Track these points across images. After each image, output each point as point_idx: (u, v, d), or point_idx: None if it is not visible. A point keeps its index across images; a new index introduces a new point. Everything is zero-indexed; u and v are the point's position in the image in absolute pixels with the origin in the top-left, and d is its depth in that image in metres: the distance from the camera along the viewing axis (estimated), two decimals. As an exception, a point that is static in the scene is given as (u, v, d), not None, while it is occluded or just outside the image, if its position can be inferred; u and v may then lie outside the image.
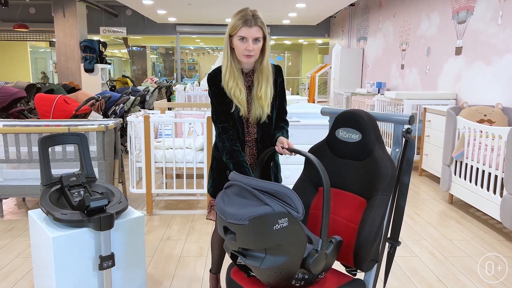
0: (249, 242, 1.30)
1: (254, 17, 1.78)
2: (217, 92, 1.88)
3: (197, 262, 2.76)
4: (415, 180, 4.86)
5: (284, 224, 1.29)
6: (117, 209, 2.12)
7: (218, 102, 1.89)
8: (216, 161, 2.01)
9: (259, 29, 1.79)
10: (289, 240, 1.32)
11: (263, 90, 1.88)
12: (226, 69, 1.85)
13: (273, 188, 1.34)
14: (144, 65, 17.55)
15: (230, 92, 1.85)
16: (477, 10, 4.69)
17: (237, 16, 1.80)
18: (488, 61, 4.48)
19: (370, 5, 8.56)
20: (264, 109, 1.89)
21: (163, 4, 8.88)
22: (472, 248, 3.02)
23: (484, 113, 3.86)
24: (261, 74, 1.88)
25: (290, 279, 1.41)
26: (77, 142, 2.37)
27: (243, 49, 1.79)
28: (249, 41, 1.78)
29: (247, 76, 1.92)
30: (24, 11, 11.73)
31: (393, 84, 7.29)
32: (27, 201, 4.02)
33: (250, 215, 1.28)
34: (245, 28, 1.76)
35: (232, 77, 1.84)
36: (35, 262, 2.31)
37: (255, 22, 1.77)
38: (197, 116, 4.36)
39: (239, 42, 1.79)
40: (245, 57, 1.81)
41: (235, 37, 1.80)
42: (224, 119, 1.88)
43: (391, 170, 1.61)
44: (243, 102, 1.87)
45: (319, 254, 1.38)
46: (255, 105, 1.89)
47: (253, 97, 1.89)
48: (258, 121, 1.92)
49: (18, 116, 5.68)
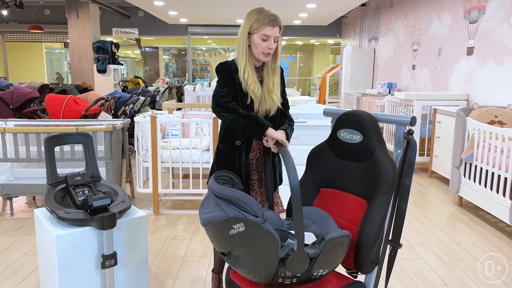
0: (214, 245, 1.43)
1: (275, 17, 1.87)
2: (228, 76, 1.91)
3: (200, 262, 2.77)
4: (424, 182, 4.80)
5: (241, 229, 1.34)
6: (120, 208, 2.14)
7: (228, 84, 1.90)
8: (222, 154, 2.01)
9: (279, 28, 1.88)
10: (251, 243, 1.36)
11: (275, 83, 1.97)
12: (244, 66, 1.91)
13: (232, 195, 1.37)
14: (156, 65, 17.69)
15: (249, 88, 1.91)
16: (489, 9, 4.61)
17: (258, 15, 1.86)
18: (500, 61, 4.40)
19: (382, 5, 8.48)
20: (275, 101, 1.95)
21: (174, 5, 8.95)
22: (480, 252, 2.97)
23: (495, 114, 3.80)
24: (272, 71, 1.97)
25: (275, 277, 1.41)
26: (82, 142, 2.39)
27: (265, 47, 1.87)
28: (271, 40, 1.86)
29: (257, 72, 1.99)
30: (39, 12, 11.94)
31: (404, 85, 7.21)
32: (37, 199, 4.09)
33: (208, 221, 1.37)
34: (269, 27, 1.85)
35: (250, 74, 1.91)
36: (40, 260, 2.35)
37: (277, 22, 1.87)
38: (204, 116, 4.37)
39: (261, 41, 1.86)
40: (264, 55, 1.89)
41: (257, 35, 1.86)
42: (227, 92, 1.88)
43: (392, 172, 1.59)
44: (258, 97, 1.93)
45: (294, 254, 1.37)
46: (266, 98, 1.95)
47: (263, 91, 1.95)
48: (267, 114, 1.97)
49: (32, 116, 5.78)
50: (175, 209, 3.81)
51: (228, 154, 1.99)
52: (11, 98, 5.53)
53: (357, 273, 1.75)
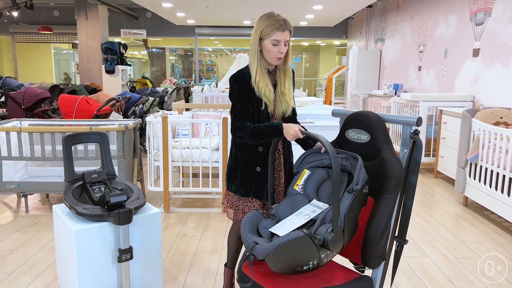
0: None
1: (285, 22, 1.92)
2: (243, 90, 1.98)
3: (211, 258, 2.85)
4: (430, 182, 4.85)
5: None
6: (136, 204, 2.22)
7: (241, 100, 1.98)
8: (242, 161, 2.07)
9: (289, 33, 1.94)
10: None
11: (286, 86, 2.04)
12: (256, 70, 1.97)
13: None
14: (163, 66, 17.82)
15: (260, 91, 1.97)
16: (495, 11, 4.66)
17: (268, 20, 1.92)
18: (506, 63, 4.45)
19: (388, 6, 8.53)
20: (289, 103, 2.03)
21: (182, 6, 9.05)
22: (485, 250, 3.02)
23: (500, 116, 3.84)
24: (284, 73, 2.04)
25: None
26: (98, 141, 2.48)
27: (276, 52, 1.93)
28: (282, 44, 1.92)
29: (270, 75, 2.06)
30: (48, 14, 12.10)
31: (410, 86, 7.25)
32: (50, 197, 4.19)
33: None
34: (279, 32, 1.90)
35: (262, 78, 1.97)
36: (58, 254, 2.44)
37: (287, 27, 1.92)
38: (213, 116, 4.46)
39: (271, 46, 1.92)
40: (276, 59, 1.95)
41: (268, 40, 1.92)
42: (243, 117, 1.97)
43: (398, 170, 1.66)
44: (271, 100, 2.00)
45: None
46: (281, 101, 2.03)
47: (278, 94, 2.03)
48: (283, 115, 2.06)
49: (42, 116, 5.89)
50: (185, 207, 3.90)
51: (248, 160, 2.06)
52: (23, 98, 5.65)
53: (364, 268, 1.82)
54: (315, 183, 1.78)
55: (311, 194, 1.77)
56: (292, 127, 1.85)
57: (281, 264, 1.50)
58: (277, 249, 1.45)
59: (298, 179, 1.81)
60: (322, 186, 1.79)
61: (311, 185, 1.78)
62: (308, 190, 1.78)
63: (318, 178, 1.79)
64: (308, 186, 1.78)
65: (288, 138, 1.87)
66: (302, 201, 1.77)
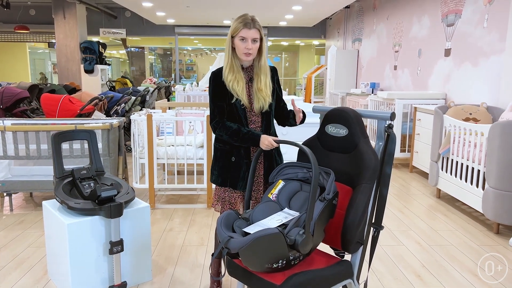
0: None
1: (253, 20, 2.10)
2: (217, 87, 2.14)
3: (198, 251, 2.95)
4: (406, 177, 5.07)
5: None
6: (126, 199, 2.31)
7: (216, 97, 2.14)
8: (219, 152, 2.22)
9: (256, 31, 2.09)
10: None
11: (262, 82, 2.17)
12: (227, 65, 2.14)
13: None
14: (142, 65, 17.72)
15: (229, 84, 2.12)
16: (465, 13, 4.90)
17: (238, 19, 2.11)
18: (475, 62, 4.69)
19: (365, 7, 8.77)
20: (266, 99, 2.16)
21: (162, 6, 9.07)
22: (456, 238, 3.22)
23: (469, 112, 4.07)
24: (259, 70, 2.19)
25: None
26: (87, 138, 2.56)
27: (243, 48, 2.09)
28: (248, 41, 2.08)
29: (247, 71, 2.20)
30: (25, 12, 11.89)
31: (387, 85, 7.49)
32: (34, 196, 4.20)
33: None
34: (245, 30, 2.07)
35: (232, 72, 2.13)
36: (49, 249, 2.50)
37: (254, 25, 2.09)
38: (196, 115, 4.55)
39: (240, 42, 2.09)
40: (244, 55, 2.11)
41: (236, 37, 2.09)
42: (218, 113, 2.14)
43: (374, 162, 1.80)
44: (242, 93, 2.13)
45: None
46: (257, 96, 2.16)
47: (254, 90, 2.17)
48: (261, 110, 2.18)
49: (21, 115, 5.85)
50: (170, 204, 3.98)
51: (225, 150, 2.20)
52: (1, 98, 5.60)
53: (344, 253, 1.96)
54: (288, 193, 1.90)
55: (284, 203, 1.88)
56: (266, 138, 2.01)
57: (254, 258, 1.57)
58: (252, 242, 1.52)
59: (272, 188, 1.92)
60: (295, 197, 1.90)
61: (284, 195, 1.89)
62: (281, 199, 1.89)
63: (291, 189, 1.90)
64: (282, 195, 1.89)
65: (263, 147, 2.01)
66: (275, 208, 1.87)
